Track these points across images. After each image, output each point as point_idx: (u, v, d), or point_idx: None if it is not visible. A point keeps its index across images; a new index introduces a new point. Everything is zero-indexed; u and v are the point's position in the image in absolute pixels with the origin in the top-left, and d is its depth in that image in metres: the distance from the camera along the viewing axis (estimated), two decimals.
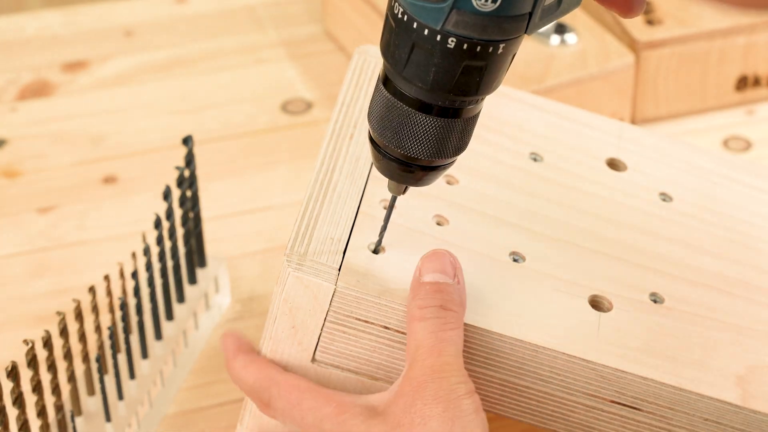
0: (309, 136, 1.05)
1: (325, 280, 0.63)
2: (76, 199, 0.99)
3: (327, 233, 0.65)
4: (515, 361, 0.64)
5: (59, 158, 1.03)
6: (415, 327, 0.63)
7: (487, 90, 0.59)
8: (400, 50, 0.57)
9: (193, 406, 0.83)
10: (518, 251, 0.68)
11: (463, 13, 0.55)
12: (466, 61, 0.57)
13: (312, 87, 1.10)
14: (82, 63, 1.13)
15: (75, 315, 0.75)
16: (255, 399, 0.67)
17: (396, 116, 0.59)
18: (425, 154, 0.60)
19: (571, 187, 0.72)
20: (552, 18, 0.58)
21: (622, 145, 0.75)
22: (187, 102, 1.09)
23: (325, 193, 0.68)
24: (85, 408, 0.78)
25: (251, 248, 0.94)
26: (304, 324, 0.64)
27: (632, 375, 0.63)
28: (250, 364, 0.67)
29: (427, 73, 0.57)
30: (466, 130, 0.60)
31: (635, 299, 0.67)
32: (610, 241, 0.69)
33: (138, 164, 1.02)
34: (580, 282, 0.66)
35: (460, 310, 0.63)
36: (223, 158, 1.03)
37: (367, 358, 0.65)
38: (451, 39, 0.56)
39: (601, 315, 0.65)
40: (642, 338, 0.64)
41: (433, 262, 0.64)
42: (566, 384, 0.65)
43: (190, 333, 0.85)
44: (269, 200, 0.99)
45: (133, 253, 0.82)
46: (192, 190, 0.84)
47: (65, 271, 0.93)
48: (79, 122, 1.07)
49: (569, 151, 0.74)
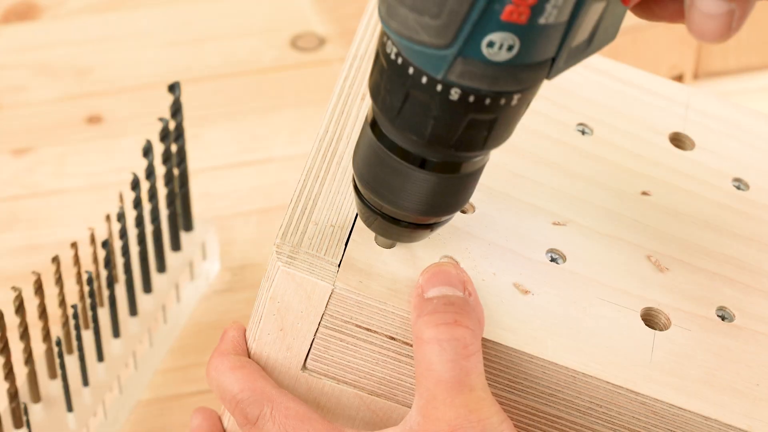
0: (320, 77, 1.03)
1: (321, 278, 0.58)
2: (55, 141, 0.98)
3: (327, 219, 0.60)
4: (547, 387, 0.59)
5: (39, 92, 1.02)
6: (427, 352, 0.56)
7: (496, 144, 0.53)
8: (392, 97, 0.52)
9: (170, 392, 0.82)
10: (557, 249, 0.62)
11: (471, 62, 0.49)
12: (472, 114, 0.51)
13: (326, 20, 1.09)
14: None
15: (35, 288, 0.73)
16: (236, 412, 0.61)
17: (383, 166, 0.54)
18: (417, 210, 0.56)
19: (626, 169, 0.67)
20: (581, 58, 0.52)
21: (689, 117, 0.70)
22: (185, 32, 1.08)
23: (327, 168, 0.63)
24: (45, 394, 0.76)
25: (246, 207, 0.93)
26: (294, 327, 0.60)
27: (691, 413, 0.58)
28: (240, 369, 0.61)
29: (424, 126, 0.52)
30: (467, 184, 0.56)
31: (699, 315, 0.62)
32: (669, 240, 0.64)
33: (127, 102, 1.01)
34: (631, 291, 0.61)
35: (477, 329, 0.57)
36: (220, 99, 1.02)
37: (368, 371, 0.60)
38: (454, 90, 0.51)
39: (656, 334, 0.60)
40: (706, 366, 0.60)
41: (436, 276, 0.58)
42: (608, 418, 0.59)
43: (170, 307, 0.84)
44: (270, 151, 0.98)
45: (107, 216, 0.79)
46: (178, 145, 0.82)
47: (38, 225, 0.92)
48: (65, 51, 1.06)
49: (625, 123, 0.69)
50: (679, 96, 0.71)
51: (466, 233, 0.61)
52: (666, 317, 0.61)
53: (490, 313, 0.59)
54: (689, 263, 0.63)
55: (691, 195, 0.66)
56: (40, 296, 0.73)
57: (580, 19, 0.49)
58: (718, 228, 0.65)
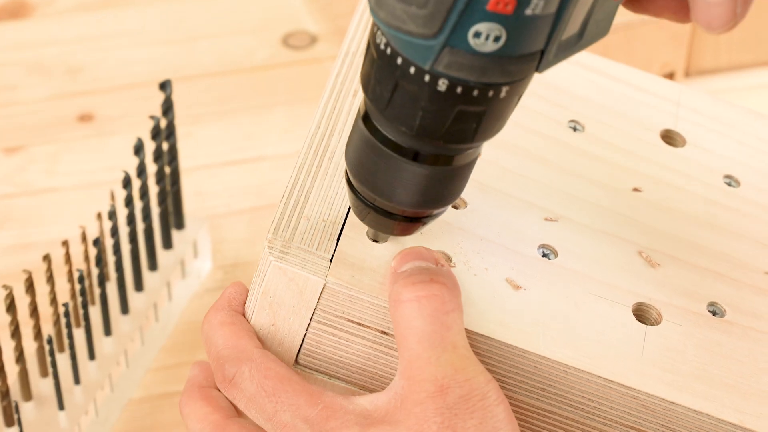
0: (312, 75, 1.03)
1: (312, 272, 0.58)
2: (46, 139, 0.97)
3: (319, 214, 0.60)
4: (539, 381, 0.59)
5: (31, 90, 1.01)
6: (405, 311, 0.56)
7: (487, 136, 0.53)
8: (382, 87, 0.52)
9: (161, 390, 0.81)
10: (549, 244, 0.62)
11: (458, 53, 0.49)
12: (461, 106, 0.51)
13: (318, 18, 1.08)
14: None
15: (26, 286, 0.73)
16: (216, 368, 0.60)
17: (375, 159, 0.54)
18: (409, 203, 0.55)
19: (617, 165, 0.67)
20: (572, 52, 0.52)
21: (680, 114, 0.70)
22: (177, 30, 1.08)
23: (319, 163, 0.63)
24: (36, 392, 0.76)
25: (238, 206, 0.93)
26: (286, 322, 0.60)
27: (683, 407, 0.58)
28: (229, 325, 0.60)
29: (412, 117, 0.52)
30: (458, 178, 0.55)
31: (690, 310, 0.61)
32: (661, 236, 0.64)
33: (118, 101, 1.00)
34: (623, 286, 0.61)
35: (455, 289, 0.57)
36: (212, 98, 1.01)
37: (360, 365, 0.60)
38: (442, 80, 0.50)
39: (647, 329, 0.60)
40: (697, 360, 0.59)
41: (408, 255, 0.58)
42: (600, 412, 0.59)
43: (162, 305, 0.83)
44: (262, 149, 0.97)
45: (98, 214, 0.79)
46: (170, 143, 0.82)
47: (30, 223, 0.91)
48: (56, 49, 1.05)
49: (616, 120, 0.68)
50: (671, 93, 0.71)
51: (458, 229, 0.61)
52: (657, 312, 0.60)
53: (482, 308, 0.58)
54: (681, 259, 0.63)
55: (682, 191, 0.66)
56: (32, 294, 0.72)
57: (568, 11, 0.49)
58: (709, 224, 0.65)
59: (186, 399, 0.60)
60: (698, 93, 0.72)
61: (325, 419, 0.56)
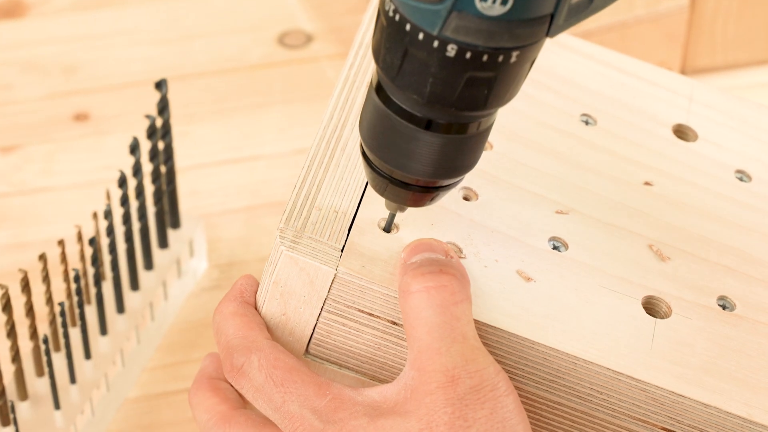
0: (308, 75, 1.02)
1: (323, 262, 0.58)
2: (42, 138, 0.97)
3: (330, 204, 0.60)
4: (548, 373, 0.59)
5: (27, 90, 1.01)
6: (415, 301, 0.56)
7: (499, 103, 0.53)
8: (392, 55, 0.52)
9: (157, 389, 0.81)
10: (560, 237, 0.62)
11: (465, 17, 0.49)
12: (471, 72, 0.51)
13: (313, 17, 1.08)
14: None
15: (22, 285, 0.72)
16: (225, 358, 0.60)
17: (389, 129, 0.54)
18: (423, 174, 0.55)
19: (629, 159, 0.67)
20: (582, 17, 0.51)
21: (693, 109, 0.71)
22: (173, 29, 1.07)
23: (332, 155, 0.63)
24: (32, 391, 0.76)
25: (233, 205, 0.92)
26: (297, 312, 0.60)
27: (691, 400, 0.58)
28: (240, 316, 0.60)
29: (423, 85, 0.52)
30: (473, 146, 0.55)
31: (700, 304, 0.61)
32: (672, 229, 0.64)
33: (114, 100, 1.00)
34: (632, 279, 0.61)
35: (464, 280, 0.57)
36: (208, 97, 1.01)
37: (370, 356, 0.60)
38: (450, 46, 0.50)
39: (656, 322, 0.60)
40: (706, 354, 0.59)
41: (418, 246, 0.58)
42: (609, 404, 0.59)
43: (157, 305, 0.82)
44: (258, 148, 0.96)
45: (94, 213, 0.78)
46: (165, 142, 0.81)
47: (25, 222, 0.91)
48: (52, 49, 1.05)
49: (629, 114, 0.69)
50: (683, 88, 0.71)
51: (469, 220, 0.61)
52: (667, 306, 0.60)
53: (492, 300, 0.58)
54: (691, 253, 0.63)
55: (693, 186, 0.66)
56: (27, 294, 0.72)
57: None
58: (720, 218, 0.65)
59: (195, 389, 0.60)
60: (710, 88, 0.72)
61: (334, 410, 0.56)
